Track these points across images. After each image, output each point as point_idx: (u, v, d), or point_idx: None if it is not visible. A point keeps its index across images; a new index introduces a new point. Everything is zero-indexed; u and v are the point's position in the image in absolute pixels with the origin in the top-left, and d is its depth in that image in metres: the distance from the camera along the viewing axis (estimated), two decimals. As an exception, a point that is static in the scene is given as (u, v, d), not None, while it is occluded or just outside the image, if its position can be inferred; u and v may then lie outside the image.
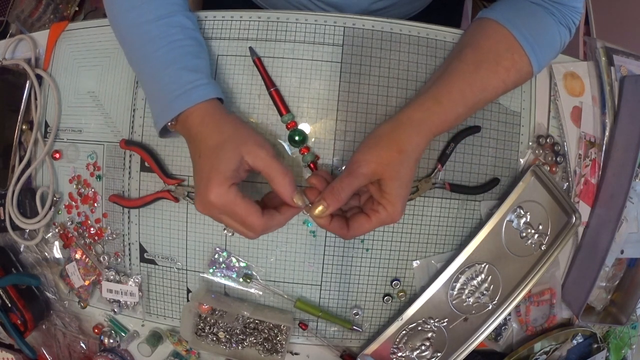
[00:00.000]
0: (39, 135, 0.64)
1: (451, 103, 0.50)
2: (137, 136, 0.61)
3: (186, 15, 0.54)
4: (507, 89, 0.53)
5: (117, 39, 0.57)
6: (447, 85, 0.51)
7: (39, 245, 0.66)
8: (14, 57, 0.67)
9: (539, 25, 0.54)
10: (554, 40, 0.55)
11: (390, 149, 0.48)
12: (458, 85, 0.51)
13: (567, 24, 0.56)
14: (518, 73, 0.53)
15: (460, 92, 0.51)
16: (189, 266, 0.62)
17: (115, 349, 0.65)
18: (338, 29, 0.59)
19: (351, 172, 0.48)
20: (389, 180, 0.48)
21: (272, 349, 0.60)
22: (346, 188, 0.48)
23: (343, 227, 0.49)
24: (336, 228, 0.49)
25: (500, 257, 0.59)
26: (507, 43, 0.52)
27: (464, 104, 0.51)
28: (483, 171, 0.60)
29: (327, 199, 0.48)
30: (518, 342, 0.64)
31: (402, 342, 0.60)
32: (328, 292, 0.61)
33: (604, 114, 0.62)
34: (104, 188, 0.62)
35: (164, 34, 0.52)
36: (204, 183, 0.47)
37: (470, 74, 0.51)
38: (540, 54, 0.53)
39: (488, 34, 0.54)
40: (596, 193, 0.62)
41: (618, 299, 0.66)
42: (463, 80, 0.51)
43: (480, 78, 0.51)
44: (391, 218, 0.49)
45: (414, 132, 0.49)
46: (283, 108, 0.57)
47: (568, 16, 0.55)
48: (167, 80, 0.51)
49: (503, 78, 0.52)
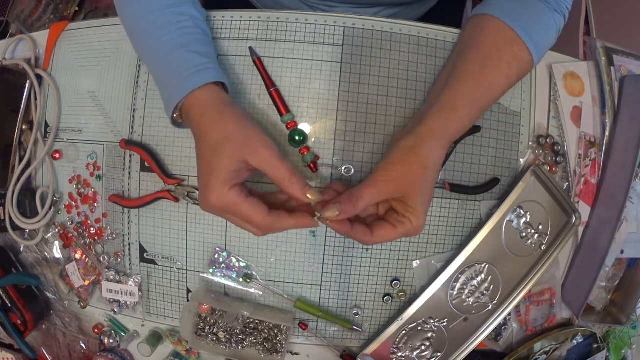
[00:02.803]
0: (39, 135, 0.64)
1: (466, 108, 0.51)
2: (137, 136, 0.61)
3: (195, 7, 0.55)
4: (511, 83, 0.53)
5: (125, 29, 0.56)
6: (458, 90, 0.51)
7: (39, 245, 0.66)
8: (14, 57, 0.67)
9: (533, 14, 0.54)
10: (549, 28, 0.55)
11: (415, 166, 0.48)
12: (468, 88, 0.51)
13: (562, 10, 0.56)
14: (519, 65, 0.53)
15: (472, 95, 0.51)
16: (189, 266, 0.62)
17: (115, 349, 0.65)
18: (338, 29, 0.59)
19: (374, 184, 0.47)
20: (414, 197, 0.47)
21: (272, 349, 0.60)
22: (365, 197, 0.47)
23: (367, 233, 0.48)
24: (359, 234, 0.48)
25: (500, 257, 0.59)
26: (505, 36, 0.52)
27: (476, 107, 0.51)
28: (483, 171, 0.60)
29: (343, 203, 0.46)
30: (518, 342, 0.64)
31: (402, 342, 0.60)
32: (328, 292, 0.61)
33: (604, 114, 0.62)
34: (104, 188, 0.62)
35: (174, 21, 0.52)
36: (204, 184, 0.47)
37: (477, 74, 0.51)
38: (538, 42, 0.53)
39: (486, 30, 0.54)
40: (596, 193, 0.62)
41: (618, 299, 0.66)
42: (472, 82, 0.51)
43: (487, 77, 0.51)
44: (415, 230, 0.49)
45: (437, 145, 0.49)
46: (283, 108, 0.57)
47: (562, 2, 0.55)
48: (177, 62, 0.51)
49: (506, 73, 0.52)
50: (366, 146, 0.58)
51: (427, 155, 0.48)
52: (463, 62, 0.53)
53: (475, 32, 0.55)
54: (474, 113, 0.51)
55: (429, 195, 0.49)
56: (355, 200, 0.46)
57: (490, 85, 0.52)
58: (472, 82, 0.51)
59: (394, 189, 0.47)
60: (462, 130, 0.51)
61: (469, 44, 0.54)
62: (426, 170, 0.48)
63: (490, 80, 0.51)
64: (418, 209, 0.48)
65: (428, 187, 0.49)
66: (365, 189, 0.47)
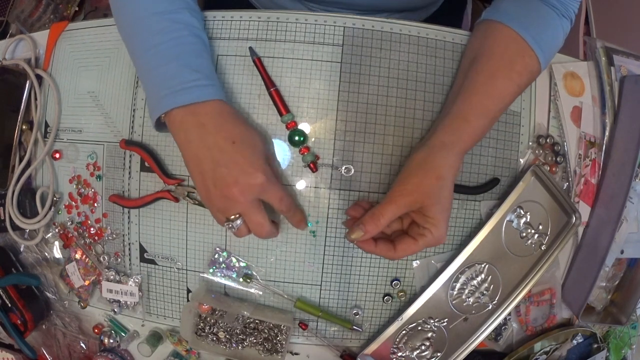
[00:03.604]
0: (39, 135, 0.64)
1: (477, 119, 0.51)
2: (137, 136, 0.61)
3: (192, 14, 0.53)
4: (520, 91, 0.54)
5: (120, 31, 0.55)
6: (470, 101, 0.52)
7: (39, 245, 0.66)
8: (14, 57, 0.67)
9: (543, 21, 0.54)
10: (557, 35, 0.55)
11: (429, 177, 0.49)
12: (479, 99, 0.52)
13: (569, 15, 0.56)
14: (529, 74, 0.53)
15: (483, 105, 0.51)
16: (189, 266, 0.62)
17: (115, 349, 0.65)
18: (338, 29, 0.59)
19: (392, 201, 0.50)
20: (432, 207, 0.49)
21: (272, 349, 0.60)
22: (386, 215, 0.49)
23: (390, 249, 0.51)
24: (383, 250, 0.51)
25: (500, 257, 0.59)
26: (517, 46, 0.52)
27: (488, 117, 0.52)
28: (483, 171, 0.60)
29: (366, 224, 0.49)
30: (518, 342, 0.64)
31: (402, 342, 0.60)
32: (328, 292, 0.61)
33: (604, 114, 0.62)
34: (104, 188, 0.62)
35: (169, 29, 0.51)
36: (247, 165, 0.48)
37: (489, 85, 0.52)
38: (546, 51, 0.53)
39: (497, 39, 0.53)
40: (596, 193, 0.62)
41: (618, 299, 0.66)
42: (483, 92, 0.52)
43: (498, 87, 0.52)
44: (437, 240, 0.50)
45: (449, 155, 0.50)
46: (283, 108, 0.57)
47: (570, 7, 0.55)
48: (167, 75, 0.50)
49: (517, 82, 0.52)
50: (366, 146, 0.58)
51: (440, 165, 0.49)
52: (475, 73, 0.53)
53: (487, 40, 0.54)
54: (486, 123, 0.52)
55: (447, 204, 0.50)
56: (377, 219, 0.49)
57: (501, 95, 0.52)
58: (483, 93, 0.52)
59: (412, 202, 0.49)
60: (476, 140, 0.52)
61: (480, 53, 0.54)
62: (440, 179, 0.49)
63: (501, 90, 0.52)
64: (437, 219, 0.49)
65: (445, 196, 0.50)
66: (384, 206, 0.49)
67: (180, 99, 0.49)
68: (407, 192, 0.49)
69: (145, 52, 0.52)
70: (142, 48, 0.52)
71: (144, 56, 0.52)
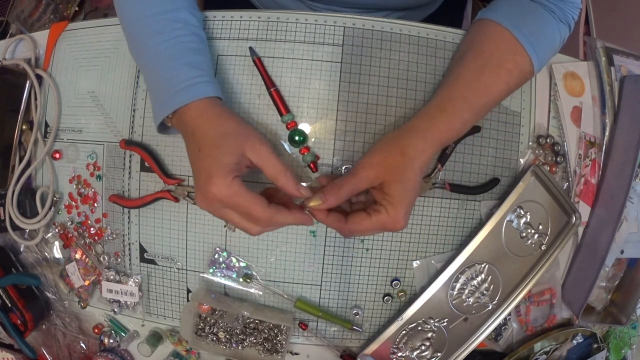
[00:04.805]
0: (39, 135, 0.64)
1: (455, 110, 0.51)
2: (137, 136, 0.61)
3: (192, 13, 0.54)
4: (511, 90, 0.54)
5: (123, 31, 0.56)
6: (450, 93, 0.52)
7: (39, 245, 0.66)
8: (14, 57, 0.67)
9: (539, 24, 0.54)
10: (554, 38, 0.55)
11: (394, 153, 0.49)
12: (461, 92, 0.51)
13: (567, 21, 0.56)
14: (521, 74, 0.53)
15: (464, 98, 0.51)
16: (189, 266, 0.62)
17: (115, 349, 0.65)
18: (338, 29, 0.59)
19: (354, 174, 0.49)
20: (391, 183, 0.48)
21: (272, 349, 0.60)
22: (346, 187, 0.49)
23: (341, 220, 0.50)
24: (334, 221, 0.50)
25: (500, 257, 0.59)
26: (509, 44, 0.52)
27: (469, 110, 0.51)
28: (483, 171, 0.60)
29: (326, 194, 0.49)
30: (518, 342, 0.64)
31: (402, 342, 0.60)
32: (328, 292, 0.61)
33: (604, 114, 0.62)
34: (104, 188, 0.62)
35: (168, 29, 0.52)
36: (206, 176, 0.46)
37: (473, 80, 0.52)
38: (541, 52, 0.53)
39: (489, 37, 0.53)
40: (596, 193, 0.62)
41: (618, 299, 0.66)
42: (466, 86, 0.52)
43: (484, 83, 0.51)
44: (393, 222, 0.48)
45: (419, 138, 0.50)
46: (283, 108, 0.57)
47: (568, 12, 0.55)
48: (169, 75, 0.50)
49: (506, 80, 0.52)
50: (366, 146, 0.58)
51: (407, 145, 0.49)
52: (460, 67, 0.53)
53: (478, 37, 0.55)
54: (466, 115, 0.51)
55: (409, 186, 0.48)
56: (337, 189, 0.48)
57: (487, 91, 0.51)
58: (466, 86, 0.52)
59: (373, 176, 0.49)
60: (452, 130, 0.51)
61: (470, 48, 0.54)
62: (405, 157, 0.48)
63: (487, 86, 0.51)
64: (395, 197, 0.48)
65: (408, 177, 0.48)
66: (347, 178, 0.49)
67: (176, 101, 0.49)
68: (369, 165, 0.49)
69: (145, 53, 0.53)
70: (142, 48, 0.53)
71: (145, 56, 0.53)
